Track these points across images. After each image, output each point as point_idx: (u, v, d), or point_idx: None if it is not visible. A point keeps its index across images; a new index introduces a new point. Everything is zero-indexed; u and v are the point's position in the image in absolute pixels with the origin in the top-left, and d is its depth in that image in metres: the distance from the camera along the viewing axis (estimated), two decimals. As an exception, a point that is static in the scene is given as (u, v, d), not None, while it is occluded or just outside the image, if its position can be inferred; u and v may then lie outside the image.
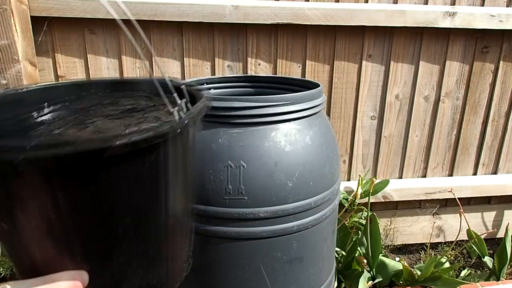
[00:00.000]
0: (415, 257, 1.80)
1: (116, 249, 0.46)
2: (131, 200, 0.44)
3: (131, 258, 0.48)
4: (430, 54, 1.57)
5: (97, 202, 0.42)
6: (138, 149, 0.39)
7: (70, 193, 0.40)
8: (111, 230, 0.44)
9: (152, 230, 0.48)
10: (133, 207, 0.44)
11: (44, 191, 0.39)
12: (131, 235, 0.46)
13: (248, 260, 0.89)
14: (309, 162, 0.89)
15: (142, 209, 0.46)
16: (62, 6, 1.26)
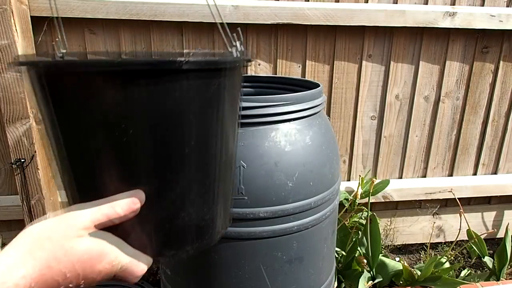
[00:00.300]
0: (415, 257, 1.80)
1: (180, 171, 0.50)
2: (197, 123, 0.50)
3: (191, 185, 0.51)
4: (430, 54, 1.57)
5: (174, 118, 0.48)
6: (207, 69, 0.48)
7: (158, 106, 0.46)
8: (179, 149, 0.49)
9: (209, 161, 0.53)
10: (198, 129, 0.50)
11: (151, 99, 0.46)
12: (193, 159, 0.50)
13: (248, 260, 0.89)
14: (309, 162, 0.89)
15: (204, 135, 0.51)
16: (62, 6, 1.26)
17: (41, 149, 1.34)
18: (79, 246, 0.45)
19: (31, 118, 1.28)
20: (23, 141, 1.29)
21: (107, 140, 0.47)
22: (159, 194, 0.50)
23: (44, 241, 0.43)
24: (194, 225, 0.54)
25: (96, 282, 0.48)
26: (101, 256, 0.46)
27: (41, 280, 0.42)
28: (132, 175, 0.49)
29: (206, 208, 0.55)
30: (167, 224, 0.52)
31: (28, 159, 1.31)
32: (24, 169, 1.32)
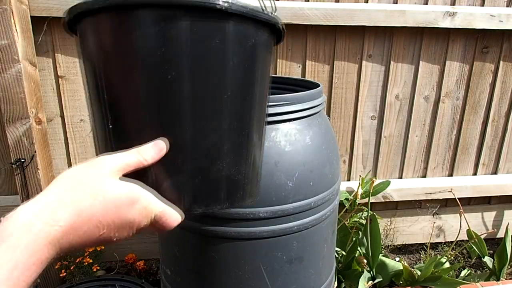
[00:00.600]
0: (415, 257, 1.80)
1: (216, 120, 0.50)
2: (235, 73, 0.50)
3: (225, 136, 0.52)
4: (430, 54, 1.57)
5: (215, 62, 0.49)
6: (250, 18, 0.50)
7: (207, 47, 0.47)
8: (216, 96, 0.50)
9: (244, 115, 0.53)
10: (235, 79, 0.51)
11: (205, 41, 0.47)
12: (229, 109, 0.51)
13: (248, 260, 0.89)
14: (309, 162, 0.89)
15: (241, 87, 0.52)
16: (62, 6, 1.26)
17: (41, 149, 1.34)
18: (111, 187, 0.44)
19: (31, 118, 1.28)
20: (23, 141, 1.29)
21: (148, 83, 0.48)
22: (194, 141, 0.50)
23: (76, 185, 0.43)
24: (225, 180, 0.53)
25: (130, 234, 0.47)
26: (133, 200, 0.46)
27: (72, 229, 0.42)
28: (169, 121, 0.49)
29: (238, 165, 0.54)
30: (200, 175, 0.51)
31: (28, 159, 1.31)
32: (24, 169, 1.32)
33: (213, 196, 0.53)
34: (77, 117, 1.42)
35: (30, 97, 1.28)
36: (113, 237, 0.46)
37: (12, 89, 1.24)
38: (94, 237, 0.44)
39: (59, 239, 0.40)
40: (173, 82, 0.47)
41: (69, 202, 0.42)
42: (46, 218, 0.40)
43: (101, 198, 0.43)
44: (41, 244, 0.39)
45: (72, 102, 1.40)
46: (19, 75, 1.23)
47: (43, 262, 0.40)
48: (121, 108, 0.50)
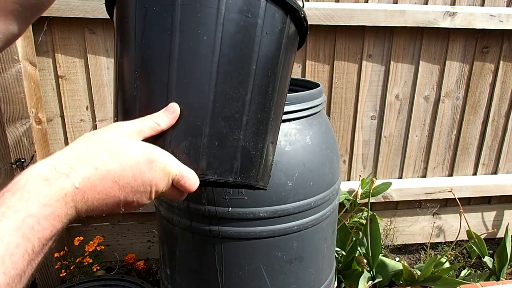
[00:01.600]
0: (415, 257, 1.80)
1: (240, 87, 0.52)
2: (264, 49, 0.54)
3: (247, 107, 0.53)
4: (430, 54, 1.57)
5: (246, 33, 0.52)
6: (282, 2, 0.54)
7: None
8: (244, 67, 0.52)
9: (266, 93, 0.56)
10: (263, 56, 0.54)
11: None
12: (254, 81, 0.53)
13: (248, 260, 0.89)
14: (309, 162, 0.89)
15: (267, 63, 0.55)
16: (62, 6, 1.25)
17: (41, 149, 1.34)
18: (128, 147, 0.44)
19: (31, 118, 1.28)
20: (23, 141, 1.29)
21: (182, 43, 0.50)
22: (216, 106, 0.51)
23: (93, 144, 0.43)
24: (241, 151, 0.54)
25: (149, 198, 0.46)
26: (150, 160, 0.45)
27: (89, 184, 0.41)
28: (196, 82, 0.50)
29: (256, 140, 0.55)
30: (217, 141, 0.51)
31: (28, 159, 1.31)
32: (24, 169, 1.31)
33: (227, 165, 0.53)
34: (77, 117, 1.42)
35: (30, 97, 1.28)
36: (132, 200, 0.45)
37: (12, 89, 1.24)
38: (112, 197, 0.43)
39: (75, 194, 0.39)
40: (206, 45, 0.50)
41: (85, 158, 0.41)
42: (61, 171, 0.39)
43: (118, 156, 0.43)
44: (55, 197, 0.38)
45: (72, 102, 1.40)
46: (19, 75, 1.23)
47: (58, 218, 0.38)
48: (153, 67, 0.52)
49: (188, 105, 0.50)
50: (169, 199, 0.92)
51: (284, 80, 0.61)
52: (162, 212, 0.97)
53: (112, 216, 1.56)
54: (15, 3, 0.53)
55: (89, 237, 1.52)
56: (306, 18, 0.61)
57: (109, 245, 1.59)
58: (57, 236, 0.39)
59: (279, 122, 0.63)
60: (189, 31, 0.50)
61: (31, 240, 0.35)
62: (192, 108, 0.51)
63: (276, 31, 0.56)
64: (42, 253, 0.37)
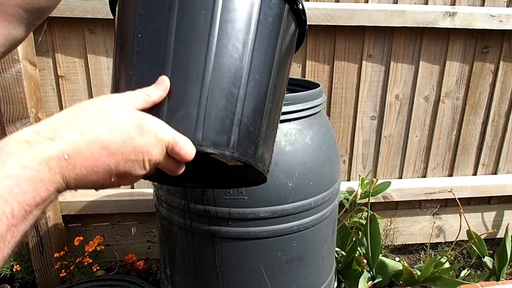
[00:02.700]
0: (415, 257, 1.80)
1: (237, 61, 0.54)
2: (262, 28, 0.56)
3: (245, 81, 0.54)
4: (430, 54, 1.57)
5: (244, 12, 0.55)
6: None
7: None
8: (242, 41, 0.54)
9: (264, 70, 0.57)
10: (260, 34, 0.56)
11: None
12: (252, 59, 0.55)
13: (248, 260, 0.89)
14: (309, 162, 0.89)
15: (264, 41, 0.57)
16: (62, 6, 1.25)
17: (41, 149, 1.34)
18: (116, 113, 0.42)
19: (31, 118, 1.28)
20: (23, 141, 1.29)
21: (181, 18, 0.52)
22: (214, 77, 0.52)
23: (79, 111, 0.41)
24: (239, 125, 0.53)
25: (144, 168, 0.44)
26: (139, 125, 0.43)
27: (75, 149, 0.38)
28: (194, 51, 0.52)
29: (254, 116, 0.56)
30: (213, 111, 0.51)
31: (28, 159, 1.31)
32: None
33: (224, 137, 0.52)
34: (77, 117, 1.42)
35: (30, 97, 1.28)
36: (125, 169, 0.42)
37: (12, 89, 1.24)
38: (102, 165, 0.40)
39: (59, 159, 0.37)
40: (204, 19, 0.52)
41: (70, 123, 0.39)
42: (44, 135, 0.37)
43: (106, 121, 0.41)
44: (36, 160, 0.36)
45: (72, 102, 1.40)
46: (19, 75, 1.23)
47: (41, 184, 0.36)
48: (150, 40, 0.53)
49: (184, 76, 0.51)
50: (169, 198, 0.92)
51: (283, 66, 0.62)
52: (162, 212, 0.97)
53: (112, 216, 1.56)
54: (17, 7, 0.53)
55: (89, 237, 1.52)
56: (304, 11, 0.63)
57: (109, 245, 1.59)
58: (45, 205, 0.37)
59: (278, 109, 0.64)
60: (188, 6, 0.52)
61: (9, 203, 0.33)
62: (188, 79, 0.51)
63: (274, 14, 0.58)
64: (26, 221, 0.35)
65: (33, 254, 1.43)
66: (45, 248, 1.43)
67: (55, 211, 1.44)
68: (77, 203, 1.47)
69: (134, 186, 1.55)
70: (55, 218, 1.44)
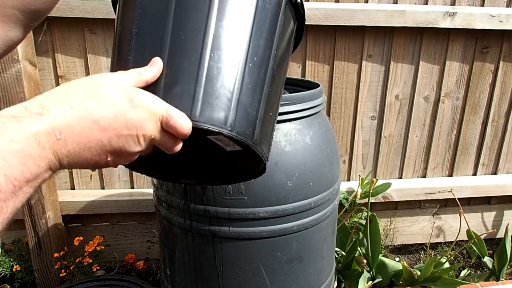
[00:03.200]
0: (415, 257, 1.80)
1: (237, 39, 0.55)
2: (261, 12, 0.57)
3: (244, 61, 0.55)
4: (430, 54, 1.57)
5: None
6: None
7: None
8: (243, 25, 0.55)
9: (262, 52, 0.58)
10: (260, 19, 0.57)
11: None
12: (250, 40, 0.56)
13: (248, 260, 0.89)
14: (309, 162, 0.89)
15: (265, 27, 0.58)
16: (62, 6, 1.25)
17: (41, 149, 1.34)
18: (106, 88, 0.41)
19: (31, 118, 1.28)
20: (23, 141, 1.29)
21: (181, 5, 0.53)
22: (212, 55, 0.52)
23: (68, 88, 0.40)
24: (236, 104, 0.53)
25: (139, 144, 0.43)
26: (130, 98, 0.42)
27: (65, 124, 0.37)
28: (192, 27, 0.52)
29: (253, 98, 0.56)
30: (211, 89, 0.51)
31: (28, 159, 1.31)
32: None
33: (222, 114, 0.51)
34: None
35: (30, 97, 1.28)
36: (119, 145, 0.41)
37: (12, 89, 1.24)
38: (95, 141, 0.39)
39: (49, 134, 0.36)
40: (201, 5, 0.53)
41: (59, 98, 0.38)
42: (33, 110, 0.36)
43: (96, 95, 0.40)
44: (24, 133, 0.34)
45: (72, 102, 1.40)
46: (19, 75, 1.23)
47: (31, 159, 0.35)
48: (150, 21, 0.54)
49: (182, 53, 0.51)
50: (169, 198, 0.92)
51: (281, 56, 0.62)
52: (162, 212, 0.97)
53: (112, 216, 1.56)
54: (13, 9, 0.53)
55: (89, 237, 1.52)
56: (303, 2, 0.65)
57: (109, 245, 1.59)
58: (37, 182, 0.36)
59: (277, 97, 0.64)
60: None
61: None
62: (186, 56, 0.51)
63: (273, 1, 0.59)
64: (16, 197, 0.34)
65: (33, 254, 1.43)
66: (45, 248, 1.43)
67: (55, 211, 1.44)
68: (77, 203, 1.47)
69: (134, 186, 1.55)
70: (55, 218, 1.44)
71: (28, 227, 1.39)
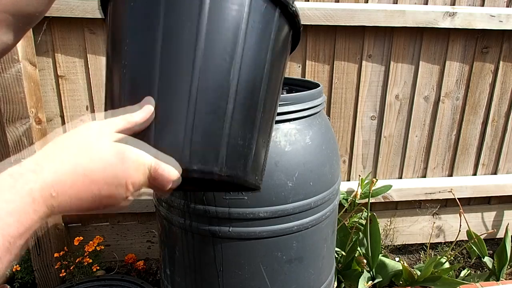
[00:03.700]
0: (415, 257, 1.80)
1: (225, 73, 0.52)
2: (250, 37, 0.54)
3: (234, 94, 0.53)
4: (430, 54, 1.57)
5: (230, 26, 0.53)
6: None
7: None
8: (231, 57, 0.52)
9: (254, 80, 0.56)
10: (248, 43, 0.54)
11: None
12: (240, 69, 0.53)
13: (248, 260, 0.89)
14: (309, 162, 0.89)
15: (253, 52, 0.55)
16: (62, 6, 1.25)
17: (41, 149, 1.34)
18: (98, 139, 0.43)
19: (31, 118, 1.28)
20: (23, 141, 1.29)
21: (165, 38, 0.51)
22: (200, 95, 0.51)
23: (61, 147, 0.42)
24: (227, 139, 0.53)
25: (128, 192, 0.45)
26: (120, 151, 0.44)
27: (57, 178, 0.39)
28: (178, 71, 0.51)
29: (243, 129, 0.55)
30: (201, 130, 0.51)
31: (28, 159, 1.31)
32: (24, 169, 1.31)
33: (211, 153, 0.52)
34: (77, 117, 1.42)
35: (30, 97, 1.28)
36: (109, 194, 0.43)
37: (12, 89, 1.24)
38: (85, 192, 0.41)
39: (42, 189, 0.38)
40: (188, 33, 0.50)
41: (52, 154, 0.41)
42: (27, 167, 0.38)
43: (87, 149, 0.42)
44: (20, 192, 0.36)
45: (72, 102, 1.40)
46: (19, 75, 1.23)
47: (26, 215, 0.37)
48: (137, 59, 0.53)
49: (170, 95, 0.50)
50: (169, 198, 0.92)
51: (274, 74, 0.60)
52: (162, 212, 0.97)
53: (112, 216, 1.56)
54: (5, 13, 0.53)
55: (89, 237, 1.52)
56: (298, 12, 0.61)
57: (109, 245, 1.59)
58: (28, 234, 0.38)
59: (270, 120, 0.63)
60: (174, 17, 0.51)
61: None
62: (174, 97, 0.50)
63: (264, 20, 0.55)
64: (10, 253, 0.35)
65: (33, 254, 1.43)
66: (45, 248, 1.43)
67: (55, 211, 1.44)
68: (77, 203, 1.47)
69: (134, 186, 1.55)
70: (55, 218, 1.44)
71: (28, 227, 1.39)
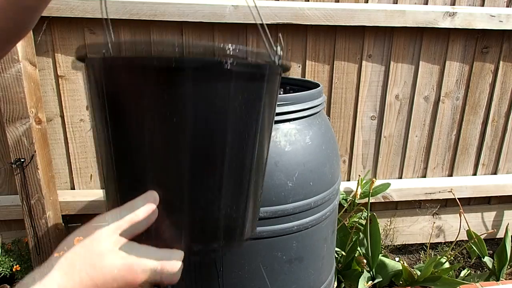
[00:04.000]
0: (415, 257, 1.80)
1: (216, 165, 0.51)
2: (237, 122, 0.51)
3: (225, 183, 0.53)
4: (430, 54, 1.57)
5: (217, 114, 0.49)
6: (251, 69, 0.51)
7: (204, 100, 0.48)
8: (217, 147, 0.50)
9: (245, 162, 0.54)
10: (237, 129, 0.51)
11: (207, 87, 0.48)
12: (230, 157, 0.52)
13: (248, 260, 0.89)
14: (309, 162, 0.89)
15: (242, 135, 0.52)
16: (62, 5, 1.25)
17: (40, 149, 1.34)
18: (109, 259, 0.49)
19: (31, 118, 1.28)
20: (23, 141, 1.29)
21: (153, 133, 0.49)
22: (194, 185, 0.51)
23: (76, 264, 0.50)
24: (223, 219, 0.54)
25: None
26: (130, 266, 0.49)
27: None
28: (171, 168, 0.50)
29: (237, 204, 0.56)
30: (198, 216, 0.53)
31: (28, 158, 1.31)
32: (24, 168, 1.32)
33: (211, 235, 0.55)
34: (77, 117, 1.42)
35: (30, 97, 1.28)
36: None
37: (12, 89, 1.24)
38: None
39: None
40: (176, 131, 0.49)
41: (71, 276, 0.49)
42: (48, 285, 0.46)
43: (99, 267, 0.49)
44: None
45: (72, 102, 1.40)
46: (19, 75, 1.23)
47: None
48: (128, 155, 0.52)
49: (165, 188, 0.51)
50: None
51: (262, 141, 0.58)
52: (162, 212, 0.97)
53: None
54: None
55: (89, 237, 1.52)
56: (282, 59, 0.58)
57: (109, 245, 1.59)
58: None
59: (260, 178, 0.62)
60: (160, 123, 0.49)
61: None
62: (170, 190, 0.51)
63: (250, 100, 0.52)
64: None
65: (33, 254, 1.43)
66: (45, 248, 1.43)
67: (55, 211, 1.44)
68: (77, 203, 1.47)
69: (134, 186, 1.55)
70: (55, 218, 1.44)
71: (28, 227, 1.39)
